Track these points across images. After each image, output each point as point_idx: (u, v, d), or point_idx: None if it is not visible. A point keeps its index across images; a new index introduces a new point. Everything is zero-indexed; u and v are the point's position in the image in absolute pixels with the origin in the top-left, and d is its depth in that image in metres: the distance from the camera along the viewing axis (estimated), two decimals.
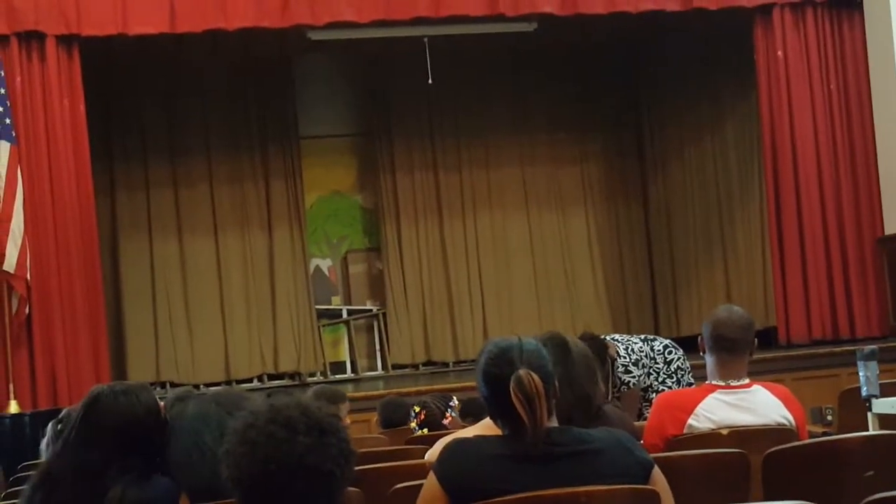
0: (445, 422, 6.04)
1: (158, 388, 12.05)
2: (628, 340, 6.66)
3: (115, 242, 12.40)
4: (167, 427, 3.47)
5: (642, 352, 6.56)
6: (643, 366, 6.53)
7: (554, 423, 3.04)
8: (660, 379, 6.56)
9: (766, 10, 10.87)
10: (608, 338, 6.57)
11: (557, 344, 3.66)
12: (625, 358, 6.48)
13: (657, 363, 6.58)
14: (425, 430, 5.96)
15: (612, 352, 6.37)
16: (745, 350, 4.35)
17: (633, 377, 6.47)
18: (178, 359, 12.39)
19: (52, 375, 9.42)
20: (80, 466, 3.49)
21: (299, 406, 2.58)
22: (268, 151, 12.94)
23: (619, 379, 6.41)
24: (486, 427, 3.45)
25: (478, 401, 6.13)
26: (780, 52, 10.82)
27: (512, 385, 2.95)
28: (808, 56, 10.90)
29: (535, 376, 2.96)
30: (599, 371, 3.86)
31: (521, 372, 2.96)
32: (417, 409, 6.13)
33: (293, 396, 2.66)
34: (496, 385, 3.01)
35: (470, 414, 5.92)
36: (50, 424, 4.35)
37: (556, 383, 3.06)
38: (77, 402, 3.66)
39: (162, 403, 3.64)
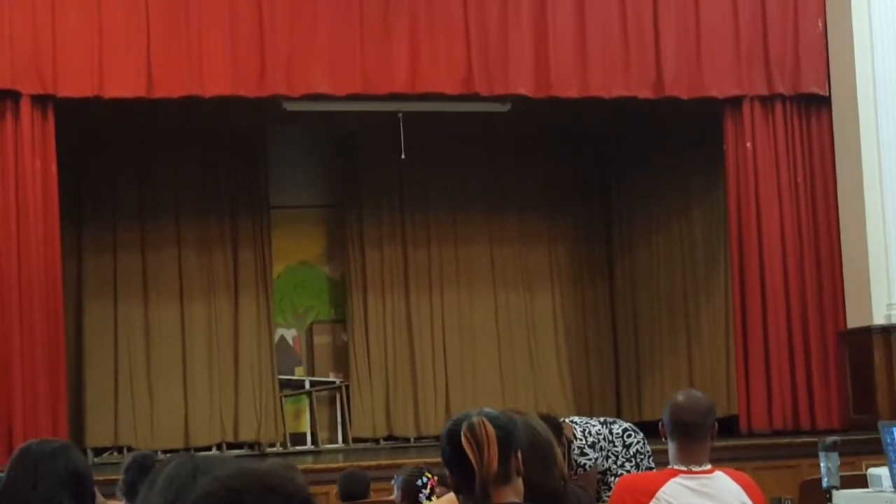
0: None
1: (115, 453, 11.92)
2: (587, 423, 6.65)
3: (79, 304, 12.27)
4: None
5: (600, 434, 6.55)
6: (600, 448, 6.52)
7: (515, 499, 3.03)
8: (619, 462, 6.55)
9: (736, 101, 11.01)
10: (566, 420, 6.56)
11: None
12: (581, 440, 6.47)
13: (616, 446, 6.58)
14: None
15: (567, 433, 6.36)
16: (705, 435, 4.36)
17: (589, 459, 6.45)
18: (138, 424, 12.21)
19: (9, 435, 9.30)
20: None
21: (276, 474, 2.58)
22: (237, 219, 12.91)
23: (575, 461, 6.40)
24: (449, 501, 3.44)
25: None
26: (748, 144, 10.95)
27: (463, 429, 2.93)
28: (776, 148, 11.03)
29: (489, 424, 2.94)
30: (554, 454, 3.70)
31: (475, 418, 2.95)
32: (429, 475, 5.99)
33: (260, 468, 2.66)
34: (453, 440, 2.97)
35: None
36: None
37: (520, 455, 3.04)
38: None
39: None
